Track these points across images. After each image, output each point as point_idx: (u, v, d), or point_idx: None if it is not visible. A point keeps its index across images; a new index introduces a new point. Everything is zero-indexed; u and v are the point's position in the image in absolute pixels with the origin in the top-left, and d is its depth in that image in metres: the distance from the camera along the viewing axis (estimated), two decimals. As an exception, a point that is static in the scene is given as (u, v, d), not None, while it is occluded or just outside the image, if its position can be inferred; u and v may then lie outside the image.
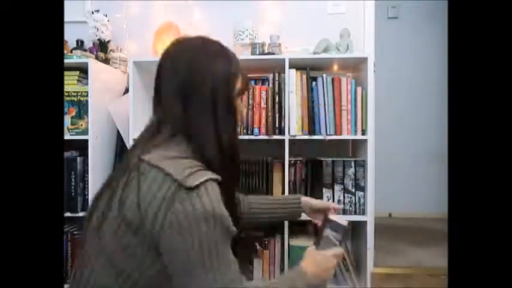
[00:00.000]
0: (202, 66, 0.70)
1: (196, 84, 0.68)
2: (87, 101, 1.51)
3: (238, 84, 0.74)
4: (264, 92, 1.49)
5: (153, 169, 0.61)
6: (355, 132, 1.48)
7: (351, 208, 1.46)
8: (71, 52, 1.63)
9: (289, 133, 1.46)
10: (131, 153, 0.71)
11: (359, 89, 1.48)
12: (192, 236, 0.57)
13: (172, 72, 0.70)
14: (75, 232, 1.57)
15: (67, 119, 1.53)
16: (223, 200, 0.62)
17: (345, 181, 1.46)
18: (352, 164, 1.46)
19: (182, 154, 0.65)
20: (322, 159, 1.48)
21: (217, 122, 0.68)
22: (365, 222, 1.49)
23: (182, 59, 0.71)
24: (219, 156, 0.67)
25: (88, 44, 1.74)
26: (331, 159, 1.47)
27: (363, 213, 1.46)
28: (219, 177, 0.63)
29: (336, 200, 1.46)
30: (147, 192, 0.60)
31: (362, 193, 1.46)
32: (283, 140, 1.46)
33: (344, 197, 1.46)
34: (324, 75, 1.48)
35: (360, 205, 1.46)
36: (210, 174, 0.62)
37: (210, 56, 0.72)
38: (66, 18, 0.94)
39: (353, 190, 1.46)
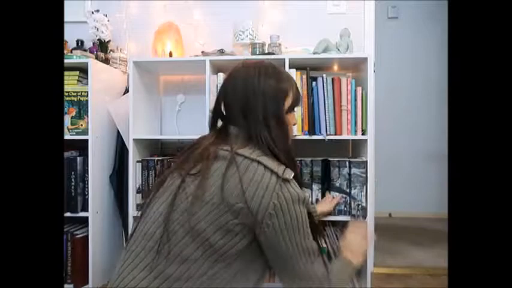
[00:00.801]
0: (255, 87, 0.85)
1: (251, 102, 0.84)
2: (87, 101, 1.51)
3: (289, 100, 0.88)
4: (264, 92, 1.49)
5: (253, 162, 0.75)
6: (355, 132, 1.48)
7: (350, 208, 1.46)
8: (71, 52, 1.63)
9: (289, 133, 1.46)
10: (205, 145, 0.83)
11: (359, 89, 1.48)
12: (291, 215, 0.74)
13: (235, 93, 0.86)
14: (76, 232, 1.57)
15: (67, 119, 1.53)
16: None
17: (341, 181, 1.46)
18: (353, 163, 1.46)
19: (264, 154, 0.79)
20: (327, 159, 1.48)
21: (270, 132, 0.82)
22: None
23: (241, 82, 0.86)
24: (283, 159, 0.81)
25: (88, 44, 1.74)
26: (338, 159, 1.47)
27: (363, 213, 1.46)
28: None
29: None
30: (250, 180, 0.73)
31: (362, 193, 1.46)
32: (283, 140, 1.46)
33: (343, 197, 1.46)
34: (324, 75, 1.48)
35: (359, 205, 1.46)
36: (291, 170, 0.78)
37: (263, 78, 0.86)
38: (66, 18, 0.94)
39: (353, 190, 1.46)
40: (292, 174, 0.77)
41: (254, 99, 0.83)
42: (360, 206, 1.45)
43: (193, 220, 0.73)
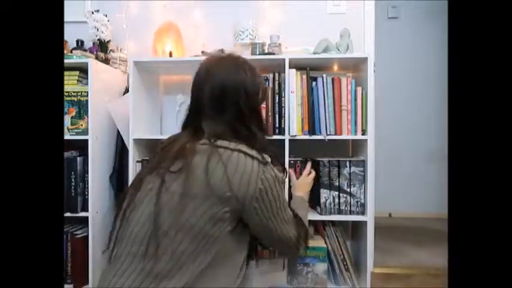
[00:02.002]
0: (235, 81, 0.90)
1: (231, 96, 0.89)
2: (87, 101, 1.51)
3: (261, 94, 0.96)
4: (264, 92, 1.49)
5: (235, 152, 0.80)
6: (355, 132, 1.48)
7: (351, 208, 1.46)
8: (71, 52, 1.63)
9: (289, 133, 1.46)
10: (182, 143, 0.84)
11: (359, 89, 1.48)
12: (274, 195, 0.83)
13: (213, 87, 0.89)
14: (76, 232, 1.57)
15: (67, 119, 1.53)
16: None
17: (341, 181, 1.46)
18: (353, 163, 1.46)
19: (242, 143, 0.84)
20: (321, 159, 1.48)
21: (250, 124, 0.90)
22: (365, 222, 1.49)
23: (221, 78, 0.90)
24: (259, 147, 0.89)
25: (88, 44, 1.74)
26: (336, 159, 1.47)
27: (363, 213, 1.46)
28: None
29: (335, 199, 1.46)
30: (235, 169, 0.78)
31: (362, 193, 1.46)
32: (283, 140, 1.46)
33: (343, 197, 1.47)
34: (324, 75, 1.48)
35: (360, 205, 1.46)
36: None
37: (241, 71, 0.92)
38: (66, 18, 0.94)
39: (353, 190, 1.46)
40: (269, 158, 0.85)
41: (234, 92, 0.88)
42: (359, 203, 1.46)
43: (184, 216, 0.75)
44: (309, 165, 1.43)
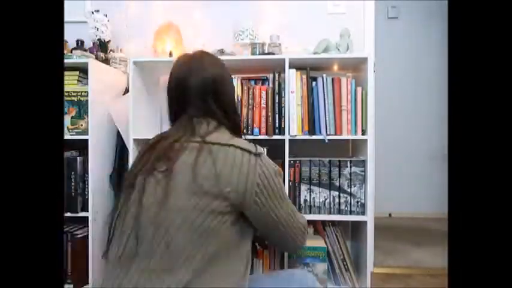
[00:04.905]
0: (224, 78, 0.95)
1: (219, 90, 0.92)
2: (87, 101, 1.51)
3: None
4: (264, 92, 1.49)
5: (227, 147, 0.79)
6: (355, 132, 1.48)
7: (351, 208, 1.46)
8: (71, 52, 1.63)
9: (289, 133, 1.46)
10: (170, 141, 0.83)
11: (359, 89, 1.48)
12: (272, 188, 0.82)
13: (202, 84, 0.91)
14: (76, 232, 1.57)
15: (67, 119, 1.53)
16: None
17: (341, 181, 1.46)
18: (353, 163, 1.46)
19: (232, 137, 0.85)
20: (321, 159, 1.48)
21: (234, 115, 0.94)
22: (365, 222, 1.49)
23: (209, 74, 0.92)
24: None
25: (88, 44, 1.74)
26: (337, 159, 1.47)
27: (363, 213, 1.46)
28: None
29: (335, 199, 1.46)
30: (232, 165, 0.77)
31: (362, 193, 1.46)
32: (283, 140, 1.46)
33: (343, 197, 1.47)
34: (324, 75, 1.48)
35: (360, 205, 1.46)
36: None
37: (226, 70, 0.97)
38: (66, 18, 0.94)
39: (354, 190, 1.46)
40: (260, 148, 0.84)
41: (221, 87, 0.92)
42: (359, 203, 1.46)
43: (185, 214, 0.74)
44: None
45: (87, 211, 1.52)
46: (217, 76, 0.92)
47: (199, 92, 0.90)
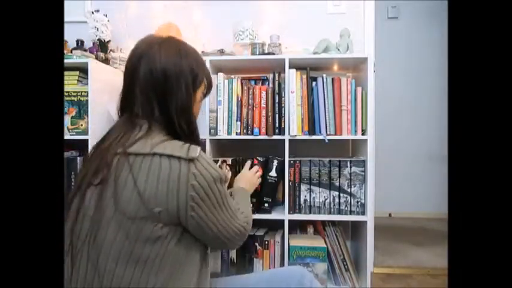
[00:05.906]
0: (173, 70, 0.78)
1: (167, 85, 0.77)
2: (87, 101, 1.51)
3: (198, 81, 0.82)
4: (264, 92, 1.49)
5: (152, 157, 0.68)
6: (355, 132, 1.48)
7: (351, 208, 1.46)
8: (71, 52, 1.63)
9: (289, 133, 1.46)
10: (108, 150, 0.73)
11: (359, 89, 1.48)
12: (210, 198, 0.71)
13: (149, 75, 0.77)
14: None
15: (67, 119, 1.53)
16: None
17: (341, 181, 1.46)
18: (353, 163, 1.46)
19: (165, 138, 0.73)
20: (321, 159, 1.48)
21: (189, 124, 0.79)
22: (365, 222, 1.49)
23: (157, 63, 0.77)
24: (190, 138, 0.79)
25: (88, 44, 1.74)
26: (337, 159, 1.47)
27: (363, 213, 1.46)
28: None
29: (335, 199, 1.46)
30: (158, 179, 0.66)
31: (362, 193, 1.46)
32: (283, 140, 1.46)
33: (343, 197, 1.47)
34: (324, 75, 1.48)
35: (360, 205, 1.46)
36: (197, 146, 0.73)
37: (192, 66, 0.81)
38: (66, 18, 0.94)
39: (354, 190, 1.46)
40: (199, 149, 0.71)
41: (173, 85, 0.77)
42: (359, 203, 1.46)
43: (118, 247, 0.66)
44: (247, 164, 1.34)
45: (87, 211, 1.51)
46: (171, 71, 0.76)
47: (143, 86, 0.76)
